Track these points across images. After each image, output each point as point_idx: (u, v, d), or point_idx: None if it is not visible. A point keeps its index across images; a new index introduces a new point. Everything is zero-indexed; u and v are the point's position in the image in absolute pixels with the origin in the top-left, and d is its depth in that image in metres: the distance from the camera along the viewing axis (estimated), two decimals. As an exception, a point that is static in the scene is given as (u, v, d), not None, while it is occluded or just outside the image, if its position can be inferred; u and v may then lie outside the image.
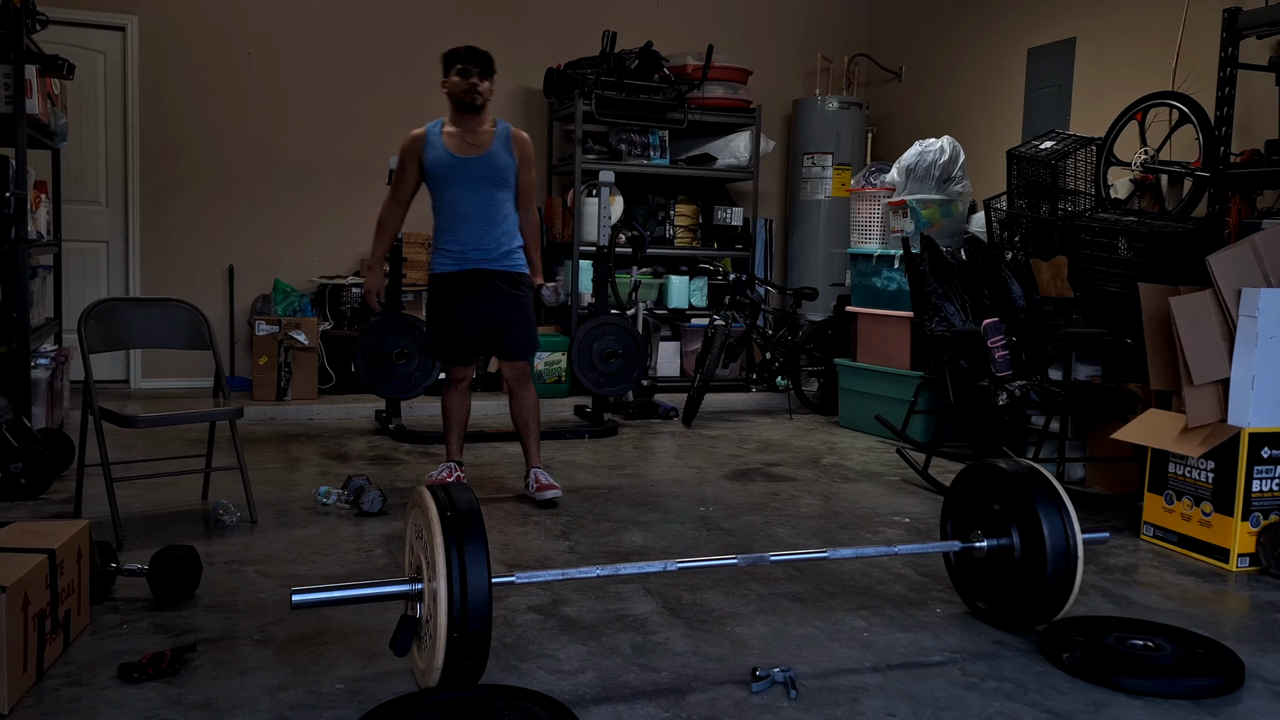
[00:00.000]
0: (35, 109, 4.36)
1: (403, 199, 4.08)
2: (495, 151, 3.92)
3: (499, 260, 3.96)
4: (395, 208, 4.09)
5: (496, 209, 3.94)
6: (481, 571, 2.17)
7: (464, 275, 3.95)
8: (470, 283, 3.95)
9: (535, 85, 7.03)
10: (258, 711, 2.22)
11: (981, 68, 6.72)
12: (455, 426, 4.15)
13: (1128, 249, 4.46)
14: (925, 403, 5.18)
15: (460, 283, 3.96)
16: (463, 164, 3.89)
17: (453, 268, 3.96)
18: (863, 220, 6.27)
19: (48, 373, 4.68)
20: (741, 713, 2.27)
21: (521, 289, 4.02)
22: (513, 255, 4.00)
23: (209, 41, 6.48)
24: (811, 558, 2.91)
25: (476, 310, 3.96)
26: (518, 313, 4.00)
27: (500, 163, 3.92)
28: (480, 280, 3.94)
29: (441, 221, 3.99)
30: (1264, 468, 3.42)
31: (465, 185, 3.90)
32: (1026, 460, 2.93)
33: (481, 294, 3.94)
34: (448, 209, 3.95)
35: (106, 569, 2.87)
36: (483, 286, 3.94)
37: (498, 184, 3.93)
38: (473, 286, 3.95)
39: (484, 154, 3.90)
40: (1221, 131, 4.29)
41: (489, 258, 3.94)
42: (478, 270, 3.93)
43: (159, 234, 6.48)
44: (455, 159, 3.89)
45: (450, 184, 3.91)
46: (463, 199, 3.91)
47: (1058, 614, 2.70)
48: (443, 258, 3.98)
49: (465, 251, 3.93)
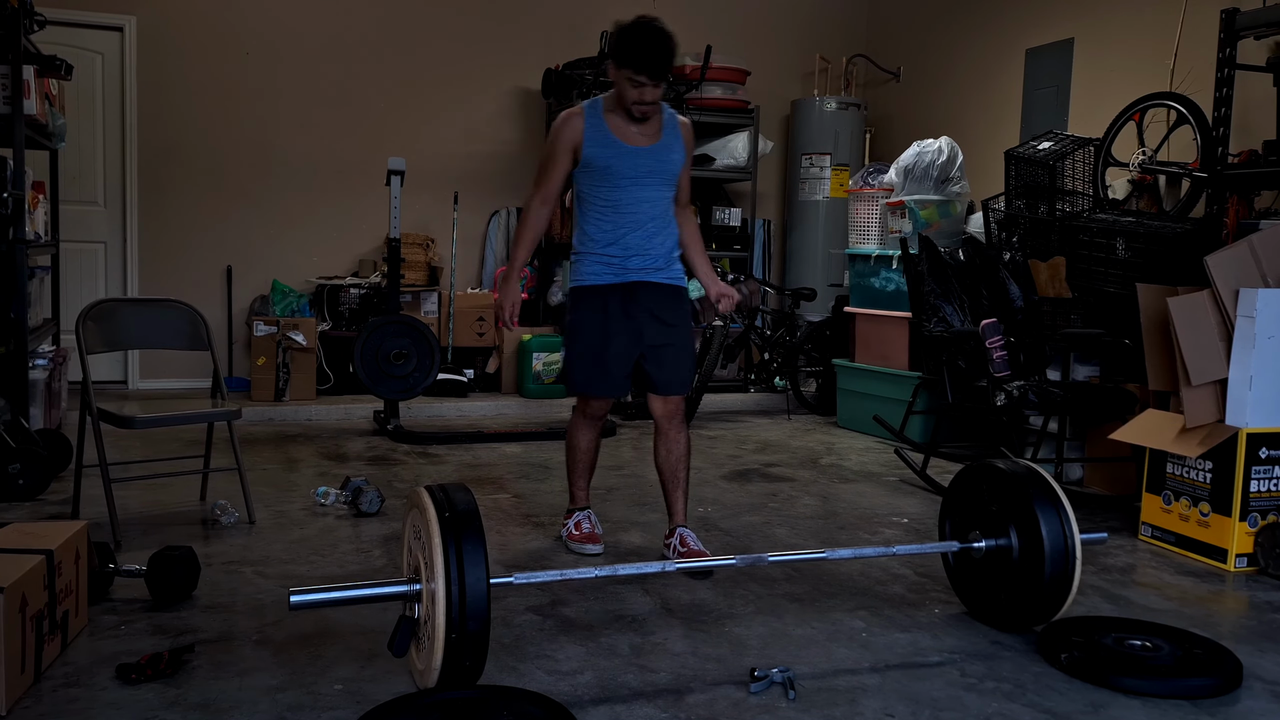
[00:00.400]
0: (33, 109, 4.36)
1: (551, 194, 3.32)
2: (667, 143, 3.28)
3: (663, 270, 3.32)
4: (543, 206, 3.32)
5: (665, 208, 3.32)
6: (480, 572, 2.17)
7: (622, 289, 3.27)
8: (629, 298, 3.27)
9: (534, 86, 7.03)
10: (256, 712, 2.21)
11: (980, 68, 6.73)
12: (585, 469, 3.53)
13: (1126, 249, 4.46)
14: (923, 403, 5.19)
15: (617, 298, 3.27)
16: (633, 155, 3.22)
17: (610, 279, 3.27)
18: (861, 221, 6.27)
19: (45, 373, 4.68)
20: (740, 713, 2.27)
21: (685, 306, 3.41)
22: (676, 265, 3.37)
23: (207, 42, 6.48)
24: (810, 558, 2.91)
25: (635, 332, 3.28)
26: (681, 337, 3.34)
27: (672, 155, 3.29)
28: (640, 295, 3.28)
29: (594, 223, 3.30)
30: (1262, 468, 3.42)
31: (633, 180, 3.23)
32: (1025, 461, 2.93)
33: (642, 312, 3.28)
34: (607, 208, 3.26)
35: (104, 570, 2.87)
36: (643, 303, 3.28)
37: (667, 181, 3.30)
38: (631, 302, 3.27)
39: (657, 144, 3.25)
40: (1219, 132, 4.29)
41: (654, 266, 3.29)
42: (639, 284, 3.27)
43: (157, 234, 6.47)
44: (625, 149, 3.21)
45: (615, 179, 3.22)
46: (629, 196, 3.24)
47: (1056, 614, 2.70)
48: (595, 265, 3.29)
49: (626, 259, 3.26)
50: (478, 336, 6.75)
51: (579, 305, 3.33)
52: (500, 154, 7.12)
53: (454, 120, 6.96)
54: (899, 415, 5.17)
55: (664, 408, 3.34)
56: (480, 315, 6.73)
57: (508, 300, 3.32)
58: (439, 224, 6.88)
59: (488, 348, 6.79)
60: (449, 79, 6.93)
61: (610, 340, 3.27)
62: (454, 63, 6.93)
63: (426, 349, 5.37)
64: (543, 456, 5.01)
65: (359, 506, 3.81)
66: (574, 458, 3.51)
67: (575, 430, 3.48)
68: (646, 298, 3.28)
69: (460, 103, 6.96)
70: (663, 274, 3.31)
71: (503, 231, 7.14)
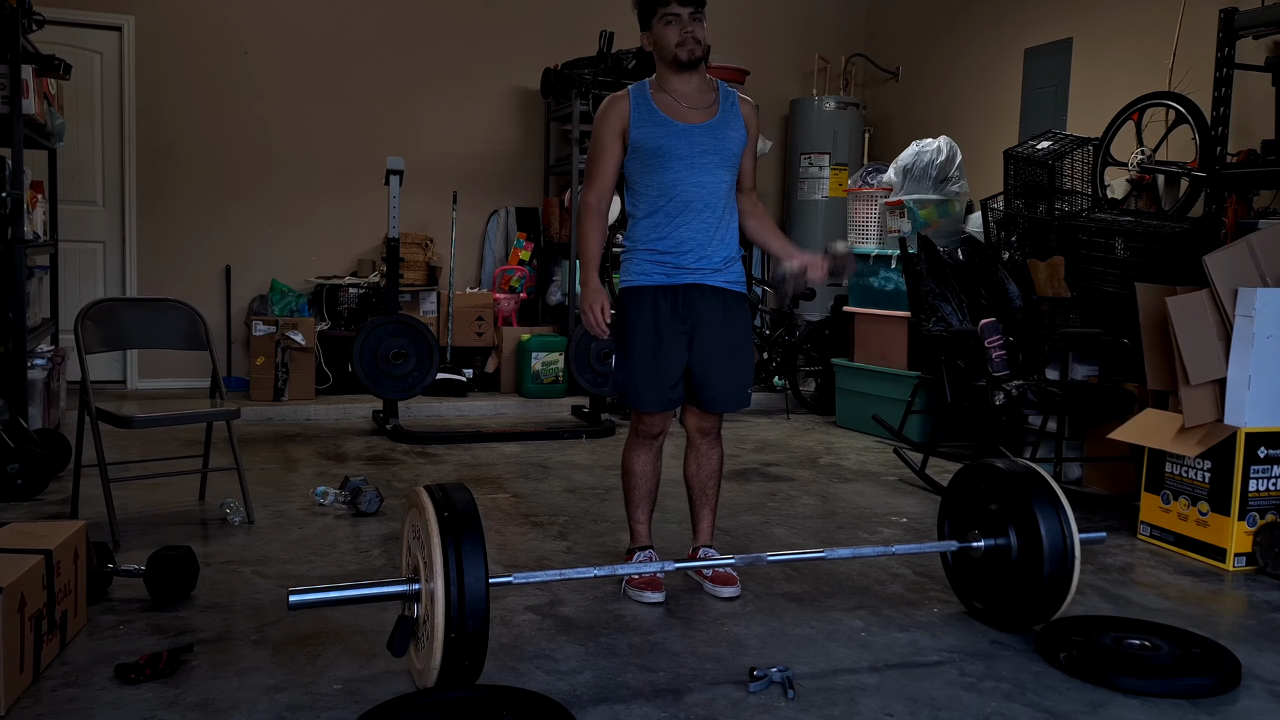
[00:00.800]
0: (32, 109, 4.36)
1: (607, 188, 2.95)
2: (725, 119, 2.92)
3: (722, 271, 2.96)
4: (601, 200, 2.94)
5: (726, 197, 2.95)
6: (479, 572, 2.16)
7: (674, 291, 2.92)
8: (681, 300, 2.92)
9: (532, 86, 7.02)
10: (255, 712, 2.21)
11: (978, 68, 6.73)
12: (644, 498, 3.07)
13: (1125, 249, 4.46)
14: (922, 403, 5.19)
15: (668, 300, 2.92)
16: (687, 134, 2.87)
17: (662, 280, 2.92)
18: (860, 220, 6.27)
19: (44, 373, 4.67)
20: (739, 713, 2.27)
21: (746, 314, 3.03)
22: (735, 265, 3.00)
23: (206, 42, 6.47)
24: (808, 558, 2.91)
25: (686, 340, 2.94)
26: (740, 350, 3.00)
27: (731, 133, 2.92)
28: (695, 299, 2.93)
29: (646, 214, 2.94)
30: (1260, 467, 3.42)
31: (688, 163, 2.87)
32: (1024, 460, 2.93)
33: (695, 318, 2.93)
34: (659, 196, 2.90)
35: (103, 570, 2.87)
36: (698, 308, 2.93)
37: (727, 163, 2.92)
38: (684, 307, 2.92)
39: (713, 120, 2.90)
40: (1218, 132, 4.29)
41: (711, 267, 2.93)
42: (693, 286, 2.92)
43: (156, 234, 6.47)
44: (676, 126, 2.86)
45: (668, 161, 2.86)
46: (685, 181, 2.87)
47: (1055, 613, 2.70)
48: (646, 264, 2.93)
49: (681, 256, 2.90)
50: (476, 336, 6.74)
51: (628, 308, 2.96)
52: (499, 154, 7.12)
53: (453, 120, 6.96)
54: (898, 415, 5.17)
55: (701, 422, 3.06)
56: (479, 315, 6.72)
57: (597, 301, 2.88)
58: (438, 224, 6.88)
59: (486, 347, 6.79)
60: (448, 78, 6.92)
61: (661, 348, 2.91)
62: (453, 62, 6.93)
63: (425, 348, 5.37)
64: (542, 456, 5.01)
65: (358, 506, 3.81)
66: (629, 484, 3.07)
67: (629, 452, 3.06)
68: (701, 302, 2.93)
69: (459, 102, 6.96)
70: (720, 276, 2.95)
71: (501, 231, 7.14)
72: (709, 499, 3.13)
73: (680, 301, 2.92)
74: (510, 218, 7.15)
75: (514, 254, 7.03)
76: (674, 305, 2.91)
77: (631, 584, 2.97)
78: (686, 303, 2.92)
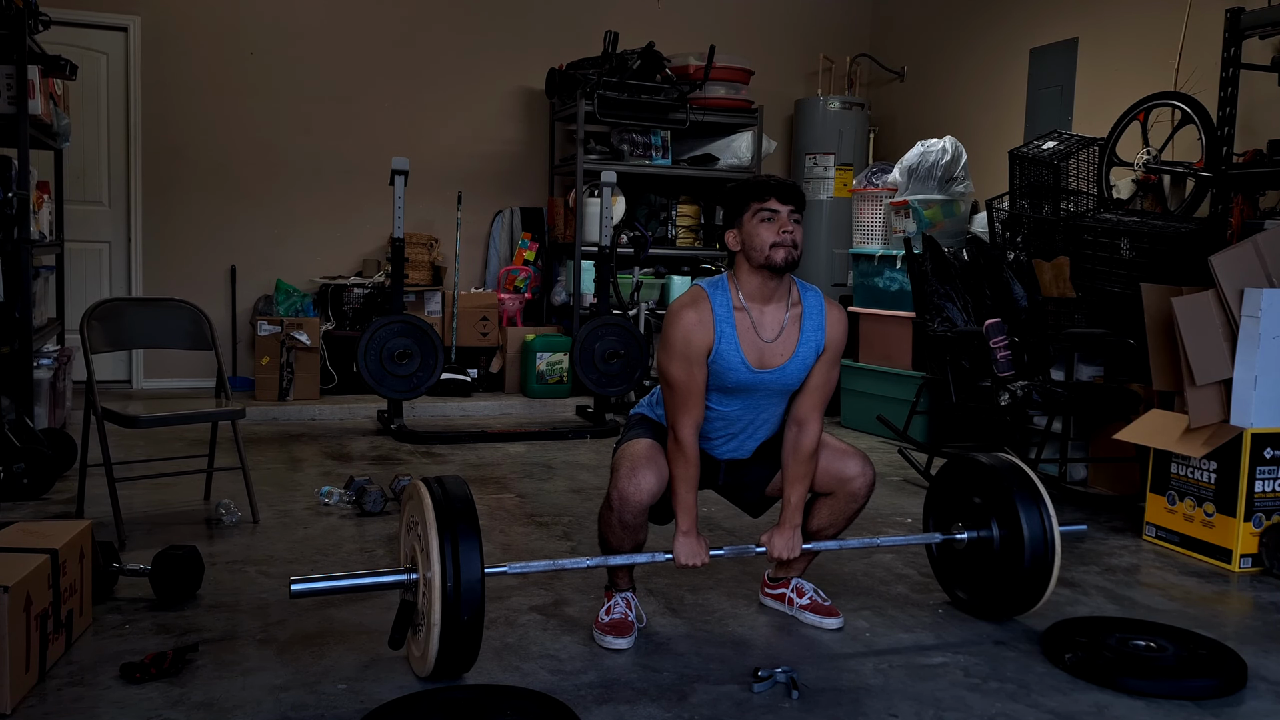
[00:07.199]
0: (38, 109, 4.36)
1: (701, 416, 2.62)
2: (801, 357, 2.62)
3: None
4: (696, 433, 2.60)
5: (777, 416, 2.76)
6: (474, 560, 2.22)
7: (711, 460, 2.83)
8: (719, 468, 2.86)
9: (537, 86, 7.03)
10: (260, 712, 2.22)
11: (984, 68, 6.72)
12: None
13: (1130, 249, 4.45)
14: (927, 403, 5.18)
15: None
16: (758, 381, 2.62)
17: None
18: (865, 220, 6.26)
19: (50, 373, 4.68)
20: (744, 713, 2.27)
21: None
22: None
23: (211, 42, 6.48)
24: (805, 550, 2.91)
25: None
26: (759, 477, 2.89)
27: (803, 371, 2.66)
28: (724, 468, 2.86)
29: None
30: (1266, 468, 3.41)
31: (748, 402, 2.68)
32: (1007, 454, 2.97)
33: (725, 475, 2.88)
34: (707, 408, 2.67)
35: (109, 569, 2.87)
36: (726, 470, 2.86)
37: (789, 394, 2.72)
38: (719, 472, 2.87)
39: (786, 365, 2.61)
40: (1224, 132, 4.28)
41: (745, 453, 2.83)
42: (725, 461, 2.84)
43: (161, 234, 6.48)
44: (751, 374, 2.60)
45: (729, 398, 2.66)
46: (737, 404, 2.69)
47: (1037, 603, 2.76)
48: None
49: (711, 443, 2.78)
50: (481, 336, 6.75)
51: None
52: (504, 154, 7.12)
53: (458, 120, 6.96)
54: (902, 415, 5.16)
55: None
56: (484, 315, 6.73)
57: (695, 558, 2.60)
58: (443, 224, 6.88)
59: (491, 347, 6.79)
60: (453, 79, 6.93)
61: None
62: (458, 62, 6.94)
63: (430, 348, 5.38)
64: (546, 456, 5.01)
65: (362, 506, 3.82)
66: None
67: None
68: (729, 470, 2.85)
69: (464, 102, 6.97)
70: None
71: (506, 231, 7.14)
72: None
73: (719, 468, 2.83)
74: (515, 218, 7.16)
75: (519, 254, 7.04)
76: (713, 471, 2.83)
77: (599, 627, 2.71)
78: (721, 470, 2.84)
